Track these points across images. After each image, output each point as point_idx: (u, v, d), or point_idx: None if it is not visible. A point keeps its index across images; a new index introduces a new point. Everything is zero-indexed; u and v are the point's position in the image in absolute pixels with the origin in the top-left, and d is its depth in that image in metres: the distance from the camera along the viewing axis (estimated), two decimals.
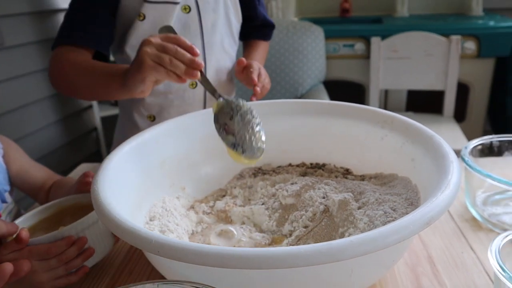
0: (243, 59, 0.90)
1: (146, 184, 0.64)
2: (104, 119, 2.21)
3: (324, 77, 2.02)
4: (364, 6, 2.43)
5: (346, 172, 0.73)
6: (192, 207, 0.70)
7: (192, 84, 0.94)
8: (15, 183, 0.79)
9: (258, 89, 0.87)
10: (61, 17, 2.18)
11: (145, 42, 0.65)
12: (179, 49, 0.62)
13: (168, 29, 0.70)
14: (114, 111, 2.22)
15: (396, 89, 2.15)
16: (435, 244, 0.63)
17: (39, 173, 0.81)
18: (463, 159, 0.69)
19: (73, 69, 0.80)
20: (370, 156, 0.71)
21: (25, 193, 0.80)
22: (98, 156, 2.67)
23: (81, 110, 2.40)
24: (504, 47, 1.96)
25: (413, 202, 0.56)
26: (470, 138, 1.90)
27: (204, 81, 0.65)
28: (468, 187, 0.69)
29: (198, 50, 0.64)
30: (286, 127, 0.77)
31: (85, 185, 0.67)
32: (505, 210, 0.68)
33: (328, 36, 2.02)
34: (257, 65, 0.90)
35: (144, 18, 0.86)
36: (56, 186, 0.78)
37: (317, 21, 2.12)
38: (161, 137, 0.69)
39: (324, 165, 0.76)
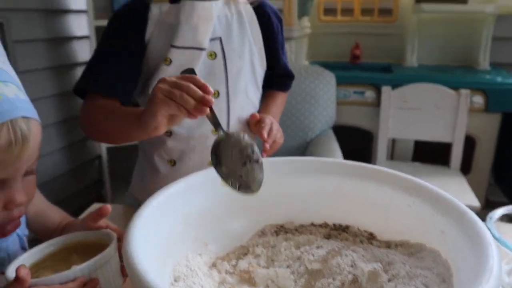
0: (256, 114, 0.93)
1: (172, 239, 0.63)
2: (109, 149, 2.21)
3: (334, 122, 2.03)
4: (374, 53, 2.48)
5: (370, 237, 0.73)
6: (214, 265, 0.69)
7: (214, 130, 0.94)
8: (32, 226, 0.78)
9: (267, 145, 0.88)
10: (75, 44, 2.23)
11: (159, 80, 0.67)
12: (191, 85, 0.64)
13: (190, 72, 0.71)
14: None
15: (403, 138, 2.17)
16: None
17: (55, 214, 0.80)
18: (489, 230, 0.68)
19: (102, 116, 0.81)
20: (395, 222, 0.71)
21: (39, 236, 0.79)
22: (100, 184, 2.66)
23: (86, 137, 2.41)
24: (511, 103, 2.00)
25: (445, 279, 0.56)
26: (475, 190, 1.92)
27: (212, 115, 0.66)
28: None
29: (212, 89, 0.65)
30: (309, 185, 0.77)
31: (93, 220, 0.65)
32: None
33: (339, 82, 2.05)
34: (270, 120, 0.92)
35: (171, 62, 0.87)
36: (70, 226, 0.77)
37: (327, 66, 2.16)
38: (188, 190, 0.69)
39: (347, 227, 0.75)
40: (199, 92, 0.63)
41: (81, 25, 2.27)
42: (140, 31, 0.86)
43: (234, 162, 0.63)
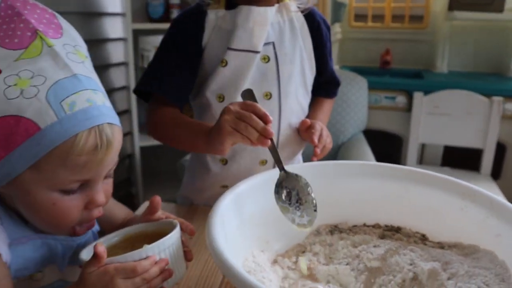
0: (307, 120, 0.97)
1: (240, 236, 0.68)
2: (142, 148, 2.27)
3: (365, 126, 2.07)
4: (404, 59, 2.51)
5: (423, 238, 0.76)
6: (275, 261, 0.74)
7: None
8: (100, 222, 0.83)
9: (318, 150, 0.92)
10: (109, 46, 2.30)
11: (225, 110, 0.75)
12: (254, 117, 0.72)
13: (249, 92, 0.78)
14: (153, 141, 2.28)
15: (433, 143, 2.19)
16: None
17: (120, 211, 0.85)
18: None
19: (171, 126, 0.90)
20: (447, 224, 0.74)
21: (106, 232, 0.84)
22: (129, 183, 2.73)
23: (114, 89, 2.44)
24: None
25: (504, 279, 0.59)
26: (507, 196, 1.93)
27: (273, 149, 0.74)
28: None
29: (271, 118, 0.73)
30: (363, 188, 0.81)
31: (150, 213, 0.69)
32: None
33: (371, 87, 2.08)
34: (320, 126, 0.96)
35: (226, 64, 0.91)
36: (131, 221, 0.82)
37: (357, 70, 2.20)
38: (253, 190, 0.74)
39: (399, 228, 0.79)
40: (261, 123, 0.71)
41: (115, 28, 2.35)
42: (197, 36, 0.91)
43: (294, 201, 0.73)
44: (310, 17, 0.98)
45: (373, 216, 0.82)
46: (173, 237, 0.60)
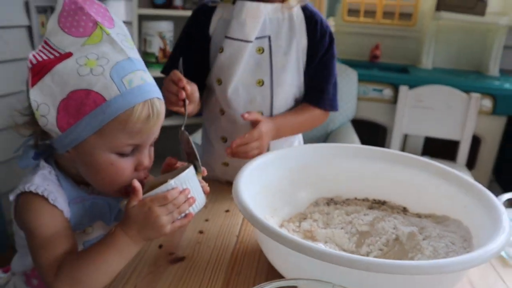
0: (259, 118, 1.00)
1: (254, 203, 0.82)
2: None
3: (353, 116, 2.22)
4: (392, 54, 2.65)
5: (404, 210, 0.92)
6: (282, 225, 0.88)
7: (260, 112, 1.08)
8: None
9: (228, 151, 0.97)
10: None
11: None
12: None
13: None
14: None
15: (416, 134, 2.35)
16: (476, 274, 0.81)
17: None
18: None
19: None
20: (425, 199, 0.89)
21: None
22: None
23: None
24: None
25: (466, 239, 0.75)
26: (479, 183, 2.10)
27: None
28: None
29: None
30: (356, 167, 0.95)
31: (169, 166, 0.80)
32: None
33: (360, 79, 2.23)
34: (258, 134, 0.98)
35: (223, 51, 1.03)
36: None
37: (348, 63, 2.34)
38: (265, 165, 0.88)
39: (385, 202, 0.94)
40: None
41: (119, 12, 2.43)
42: (205, 26, 1.05)
43: None
44: (309, 17, 1.05)
45: (363, 191, 0.96)
46: (189, 173, 0.72)
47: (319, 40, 1.06)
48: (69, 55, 0.64)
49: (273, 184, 0.90)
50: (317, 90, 1.10)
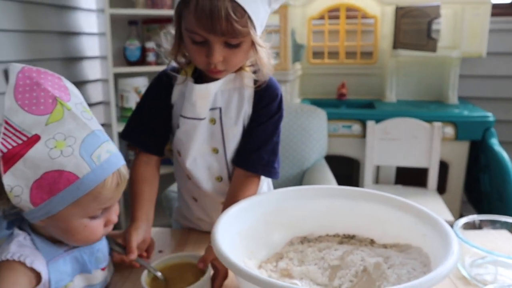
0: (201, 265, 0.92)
1: (231, 248, 0.88)
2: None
3: (326, 153, 2.32)
4: (358, 91, 2.80)
5: (372, 242, 1.00)
6: (260, 266, 0.95)
7: (218, 178, 1.11)
8: None
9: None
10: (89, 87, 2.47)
11: None
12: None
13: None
14: None
15: (386, 165, 2.47)
16: None
17: None
18: (455, 233, 0.96)
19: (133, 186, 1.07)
20: (389, 230, 0.97)
21: None
22: None
23: None
24: (477, 133, 2.33)
25: (426, 265, 0.83)
26: (450, 208, 2.22)
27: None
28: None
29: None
30: (325, 206, 1.02)
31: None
32: (485, 271, 0.95)
33: (330, 118, 2.35)
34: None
35: (179, 127, 1.06)
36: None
37: (317, 102, 2.47)
38: (239, 212, 0.95)
39: (354, 236, 1.02)
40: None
41: (94, 70, 2.53)
42: (168, 94, 1.07)
43: None
44: (259, 86, 1.03)
45: (334, 228, 1.03)
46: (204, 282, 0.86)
47: (264, 106, 1.05)
48: (37, 138, 0.68)
49: (249, 229, 0.96)
50: (251, 153, 1.06)
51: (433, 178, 2.29)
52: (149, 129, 1.08)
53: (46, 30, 2.14)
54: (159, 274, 0.89)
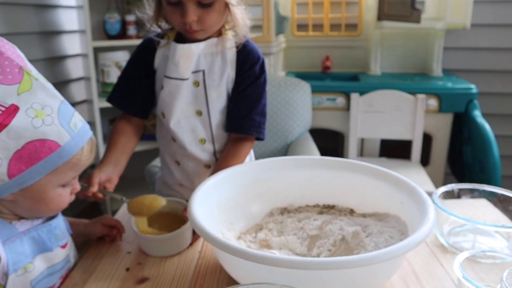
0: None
1: (210, 219, 0.88)
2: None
3: (310, 126, 2.32)
4: (342, 64, 2.78)
5: (351, 211, 1.00)
6: (239, 237, 0.95)
7: (201, 141, 1.13)
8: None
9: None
10: (68, 62, 2.42)
11: None
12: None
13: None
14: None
15: (371, 137, 2.47)
16: (417, 262, 0.89)
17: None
18: (434, 202, 0.96)
19: (110, 137, 1.10)
20: (368, 199, 0.97)
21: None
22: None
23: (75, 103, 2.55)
24: (460, 105, 2.34)
25: (403, 232, 0.83)
26: (434, 180, 2.25)
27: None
28: (437, 222, 0.97)
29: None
30: (305, 176, 1.03)
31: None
32: (463, 239, 0.96)
33: (314, 90, 2.33)
34: None
35: (162, 88, 1.08)
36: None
37: (301, 76, 2.45)
38: (219, 183, 0.94)
39: (333, 206, 1.02)
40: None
41: (73, 45, 2.47)
42: (151, 59, 1.10)
43: None
44: (241, 49, 1.07)
45: (314, 198, 1.04)
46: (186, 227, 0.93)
47: (247, 69, 1.08)
48: (16, 108, 0.67)
49: (228, 200, 0.96)
50: (243, 117, 1.10)
51: (416, 150, 2.30)
52: (132, 92, 1.12)
53: (22, 3, 2.07)
54: (123, 198, 0.96)
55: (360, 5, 2.65)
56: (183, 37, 1.07)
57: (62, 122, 0.72)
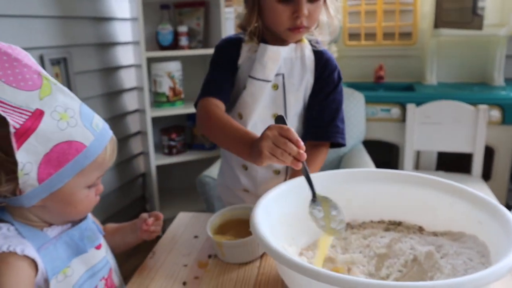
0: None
1: (272, 234, 0.84)
2: (158, 167, 2.42)
3: (364, 137, 2.24)
4: (396, 73, 2.69)
5: (420, 229, 0.93)
6: (301, 253, 0.90)
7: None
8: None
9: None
10: (122, 72, 2.48)
11: (263, 136, 0.84)
12: (288, 143, 0.82)
13: (281, 118, 0.89)
14: (168, 160, 2.43)
15: (427, 150, 2.36)
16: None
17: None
18: None
19: (215, 123, 1.01)
20: (440, 217, 0.91)
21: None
22: (143, 201, 2.88)
23: (130, 158, 2.63)
24: None
25: (484, 255, 0.76)
26: (497, 195, 2.10)
27: (305, 171, 0.87)
28: None
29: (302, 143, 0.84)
30: (370, 190, 0.97)
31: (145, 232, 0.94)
32: None
33: (367, 101, 2.26)
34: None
35: (245, 88, 1.10)
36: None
37: (353, 86, 2.38)
38: (281, 196, 0.90)
39: (400, 222, 0.96)
40: (295, 149, 0.82)
41: (127, 56, 2.53)
42: (235, 58, 1.11)
43: (324, 217, 0.88)
44: (319, 56, 1.11)
45: (378, 214, 0.98)
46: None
47: (327, 77, 1.11)
48: (41, 112, 0.68)
49: (289, 214, 0.92)
50: (327, 124, 1.11)
51: (478, 164, 2.17)
52: (221, 83, 1.11)
53: (80, 16, 2.14)
54: None
55: (415, 13, 2.56)
56: (266, 42, 1.09)
57: (85, 123, 0.73)
